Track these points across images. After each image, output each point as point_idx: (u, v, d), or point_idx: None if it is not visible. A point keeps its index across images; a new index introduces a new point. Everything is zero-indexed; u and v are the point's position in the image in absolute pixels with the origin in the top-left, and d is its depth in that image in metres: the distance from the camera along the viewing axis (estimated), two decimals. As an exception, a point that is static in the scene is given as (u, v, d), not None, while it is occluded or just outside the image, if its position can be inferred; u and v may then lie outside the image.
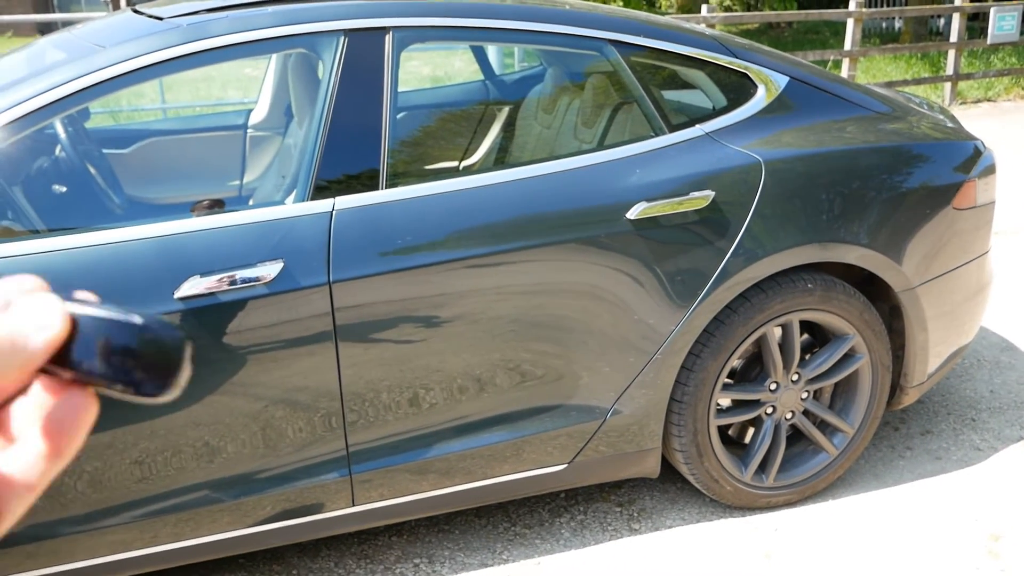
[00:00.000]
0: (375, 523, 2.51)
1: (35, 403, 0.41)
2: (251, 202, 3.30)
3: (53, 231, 2.20)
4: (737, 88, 2.73)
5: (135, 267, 2.10)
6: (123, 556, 2.26)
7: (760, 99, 2.72)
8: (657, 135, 2.57)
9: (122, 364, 0.41)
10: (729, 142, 2.60)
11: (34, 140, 2.82)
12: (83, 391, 0.42)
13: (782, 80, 2.77)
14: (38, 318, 0.40)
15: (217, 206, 2.41)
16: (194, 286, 2.08)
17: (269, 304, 2.16)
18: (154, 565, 2.31)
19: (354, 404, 2.31)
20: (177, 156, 3.60)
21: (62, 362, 0.41)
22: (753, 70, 2.75)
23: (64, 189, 2.95)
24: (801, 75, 2.81)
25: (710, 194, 2.48)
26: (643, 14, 2.98)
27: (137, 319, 0.42)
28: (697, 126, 2.61)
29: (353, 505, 2.43)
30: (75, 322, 0.41)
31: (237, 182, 3.64)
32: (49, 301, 0.41)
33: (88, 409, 0.41)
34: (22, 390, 0.42)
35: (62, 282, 2.05)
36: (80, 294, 0.43)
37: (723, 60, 2.72)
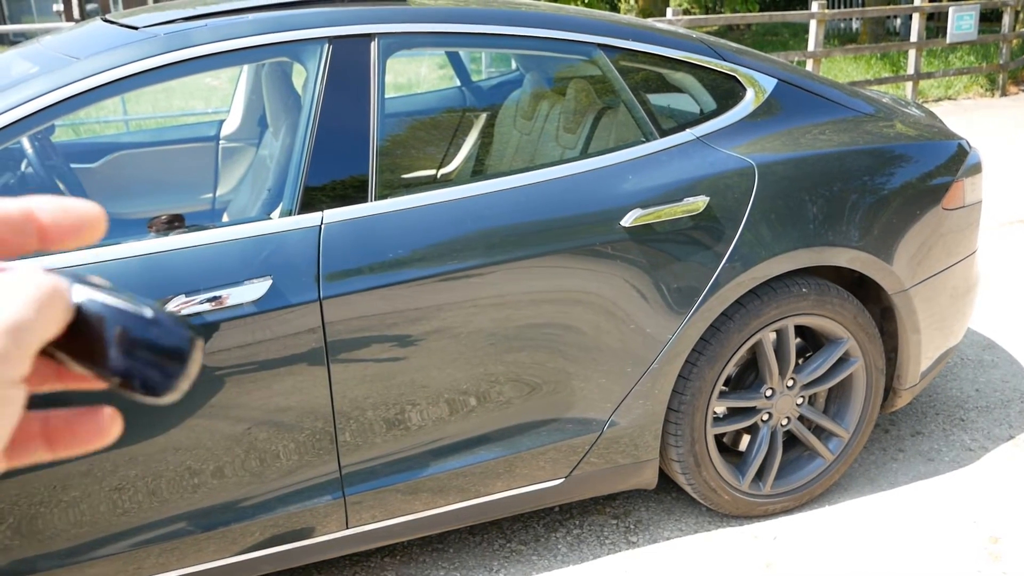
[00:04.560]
0: (368, 545, 2.43)
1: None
2: (225, 216, 3.20)
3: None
4: (726, 91, 2.69)
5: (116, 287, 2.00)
6: (107, 590, 2.16)
7: (749, 102, 2.69)
8: (648, 140, 2.52)
9: (130, 357, 0.40)
10: (720, 146, 2.56)
11: (3, 156, 2.71)
12: (102, 412, 0.41)
13: (769, 83, 2.74)
14: (32, 295, 0.37)
15: (177, 221, 2.30)
16: (180, 306, 1.99)
17: (257, 323, 2.07)
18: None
19: (347, 424, 2.23)
20: (147, 169, 3.48)
21: (69, 351, 0.40)
22: (741, 73, 2.72)
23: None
24: (788, 77, 2.78)
25: (705, 199, 2.44)
26: (629, 17, 2.94)
27: (148, 312, 0.40)
28: (687, 130, 2.57)
29: (346, 528, 2.35)
30: (81, 308, 0.39)
31: (210, 195, 3.54)
32: (43, 278, 0.38)
33: (106, 434, 0.41)
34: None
35: None
36: (92, 278, 0.41)
37: (711, 63, 2.69)
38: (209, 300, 2.02)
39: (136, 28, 2.24)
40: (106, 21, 2.53)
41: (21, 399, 0.36)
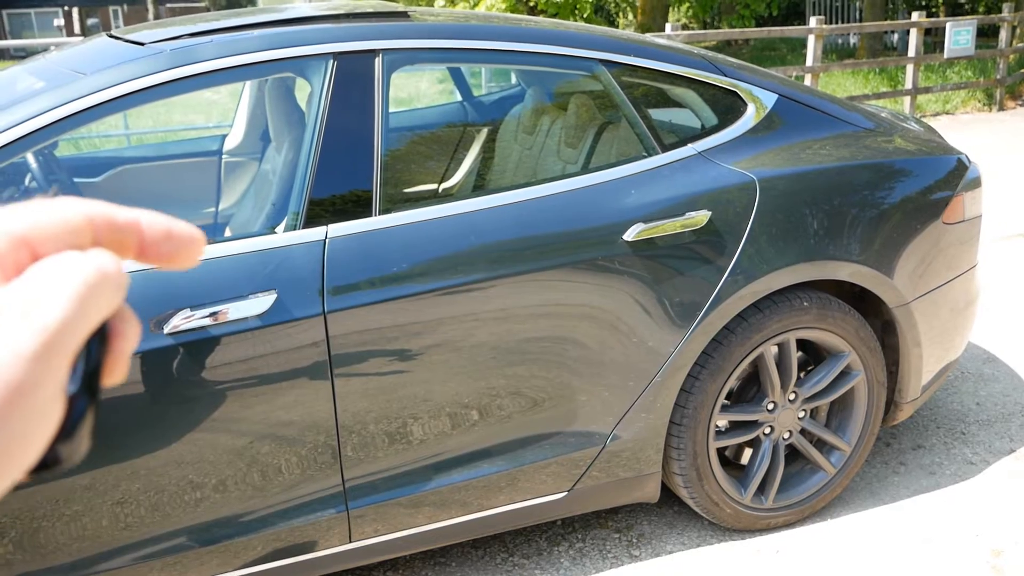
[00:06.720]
0: (371, 559, 2.43)
1: None
2: (228, 230, 3.21)
3: None
4: (727, 107, 2.71)
5: (120, 301, 2.01)
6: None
7: (750, 117, 2.71)
8: (650, 155, 2.54)
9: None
10: (722, 161, 2.57)
11: (8, 171, 2.72)
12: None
13: (770, 98, 2.76)
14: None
15: None
16: (185, 320, 2.00)
17: (262, 336, 2.08)
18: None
19: (350, 437, 2.23)
20: (151, 184, 3.50)
21: None
22: (742, 88, 2.73)
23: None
24: (788, 92, 2.80)
25: (706, 214, 2.45)
26: (629, 33, 2.96)
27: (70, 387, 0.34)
28: (689, 145, 2.59)
29: (349, 542, 2.35)
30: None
31: (213, 209, 3.55)
32: (84, 261, 0.34)
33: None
34: None
35: None
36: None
37: (712, 78, 2.71)
38: (213, 314, 2.03)
39: (142, 44, 2.26)
40: (112, 37, 2.55)
41: (58, 413, 0.33)
